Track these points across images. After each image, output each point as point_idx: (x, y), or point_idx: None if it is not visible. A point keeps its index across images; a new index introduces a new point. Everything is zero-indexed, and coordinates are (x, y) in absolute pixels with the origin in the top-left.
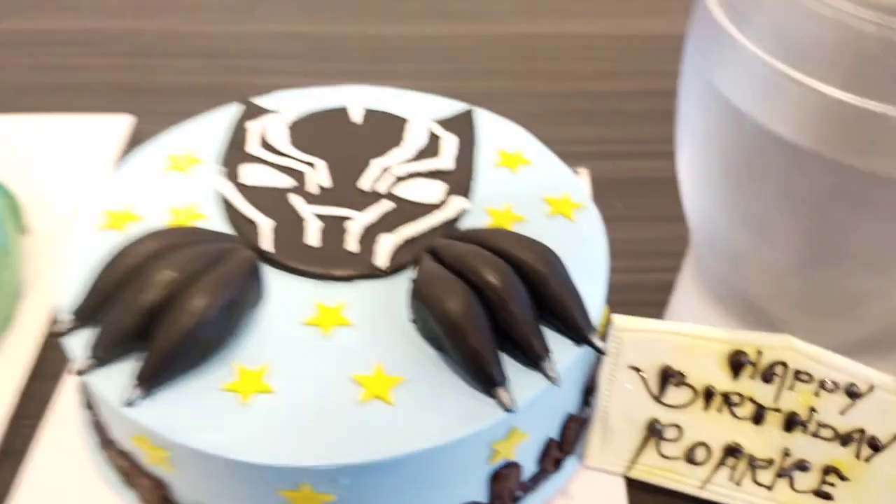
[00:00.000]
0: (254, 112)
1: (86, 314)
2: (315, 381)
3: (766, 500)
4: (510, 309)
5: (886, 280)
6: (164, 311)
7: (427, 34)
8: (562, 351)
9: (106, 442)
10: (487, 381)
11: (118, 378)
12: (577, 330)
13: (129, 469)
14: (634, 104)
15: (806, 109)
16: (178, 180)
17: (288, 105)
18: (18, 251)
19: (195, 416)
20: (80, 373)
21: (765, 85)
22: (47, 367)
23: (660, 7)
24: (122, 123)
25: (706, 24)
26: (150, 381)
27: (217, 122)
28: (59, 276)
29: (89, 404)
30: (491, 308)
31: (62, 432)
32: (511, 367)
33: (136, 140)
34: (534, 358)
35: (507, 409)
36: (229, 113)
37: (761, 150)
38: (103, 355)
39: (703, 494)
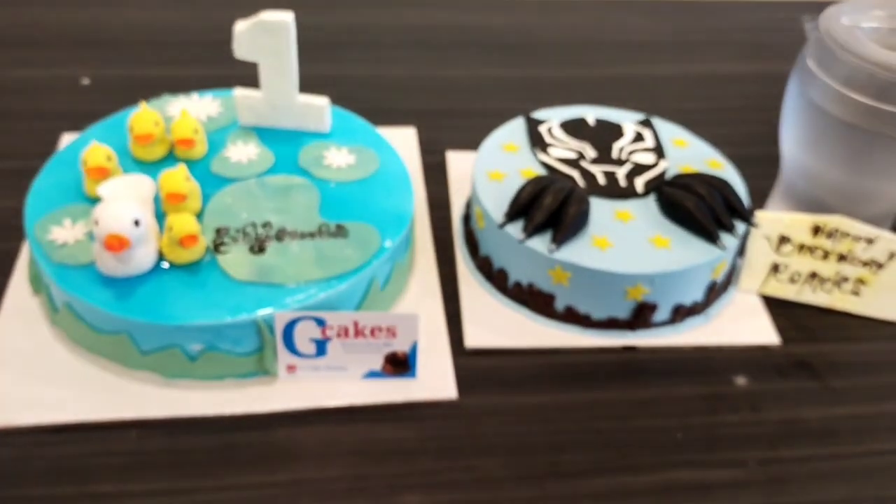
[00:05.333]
0: (532, 122)
1: (510, 216)
2: (631, 241)
3: (830, 299)
4: (712, 205)
5: (887, 185)
6: (559, 212)
7: (565, 76)
8: (738, 226)
9: (503, 286)
10: (711, 236)
11: (537, 243)
12: (744, 216)
13: (527, 294)
14: (698, 116)
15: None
16: (513, 156)
17: (547, 117)
18: None
19: (583, 255)
20: (521, 241)
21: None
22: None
23: (698, 57)
24: (411, 132)
25: (805, 70)
26: (558, 241)
27: (513, 128)
28: (484, 201)
29: (490, 265)
30: (706, 204)
31: (469, 281)
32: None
33: (422, 141)
34: (728, 227)
35: (722, 250)
36: (518, 123)
37: (831, 128)
38: (530, 233)
39: (799, 299)
